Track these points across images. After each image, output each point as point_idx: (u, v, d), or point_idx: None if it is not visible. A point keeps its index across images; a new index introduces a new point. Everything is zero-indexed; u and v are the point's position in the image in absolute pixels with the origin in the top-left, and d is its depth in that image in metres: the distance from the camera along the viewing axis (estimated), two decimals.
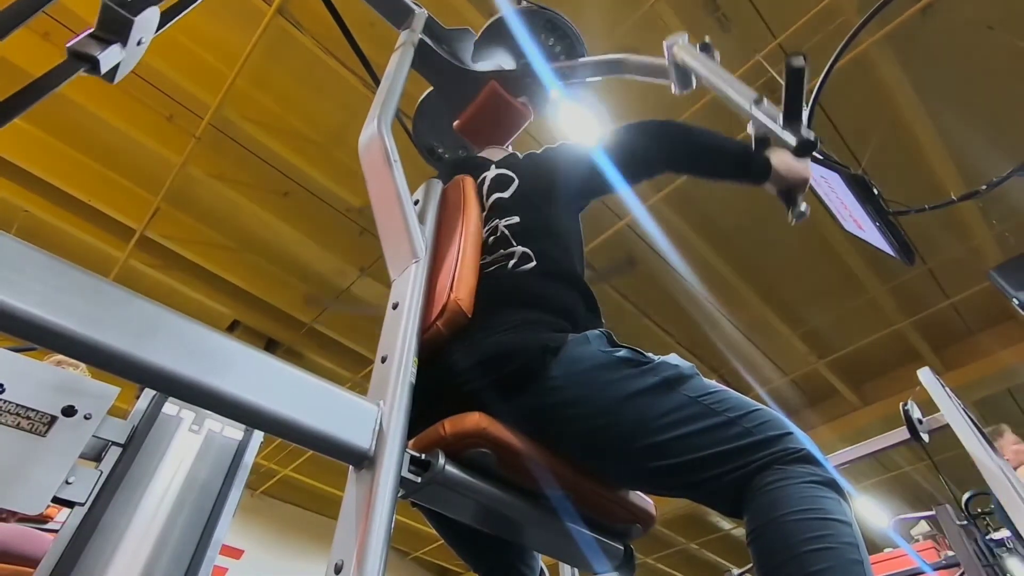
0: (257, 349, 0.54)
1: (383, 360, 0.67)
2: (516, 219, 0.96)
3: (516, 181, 1.03)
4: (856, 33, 1.49)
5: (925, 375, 2.27)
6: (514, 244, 0.92)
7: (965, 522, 2.45)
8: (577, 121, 3.50)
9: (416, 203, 0.98)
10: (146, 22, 0.77)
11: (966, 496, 2.65)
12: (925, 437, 2.33)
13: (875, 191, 1.22)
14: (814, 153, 1.25)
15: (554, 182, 1.02)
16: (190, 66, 3.75)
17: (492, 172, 1.07)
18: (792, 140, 0.99)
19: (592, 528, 0.83)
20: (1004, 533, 2.62)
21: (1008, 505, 1.82)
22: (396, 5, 1.33)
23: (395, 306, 0.74)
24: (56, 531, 1.25)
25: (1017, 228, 4.17)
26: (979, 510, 2.69)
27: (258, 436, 1.31)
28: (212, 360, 0.50)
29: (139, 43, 0.77)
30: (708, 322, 5.24)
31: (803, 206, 1.13)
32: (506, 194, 1.02)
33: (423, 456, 0.67)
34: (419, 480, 0.65)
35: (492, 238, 0.95)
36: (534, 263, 0.89)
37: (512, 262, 0.89)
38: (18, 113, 0.67)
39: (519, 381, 0.76)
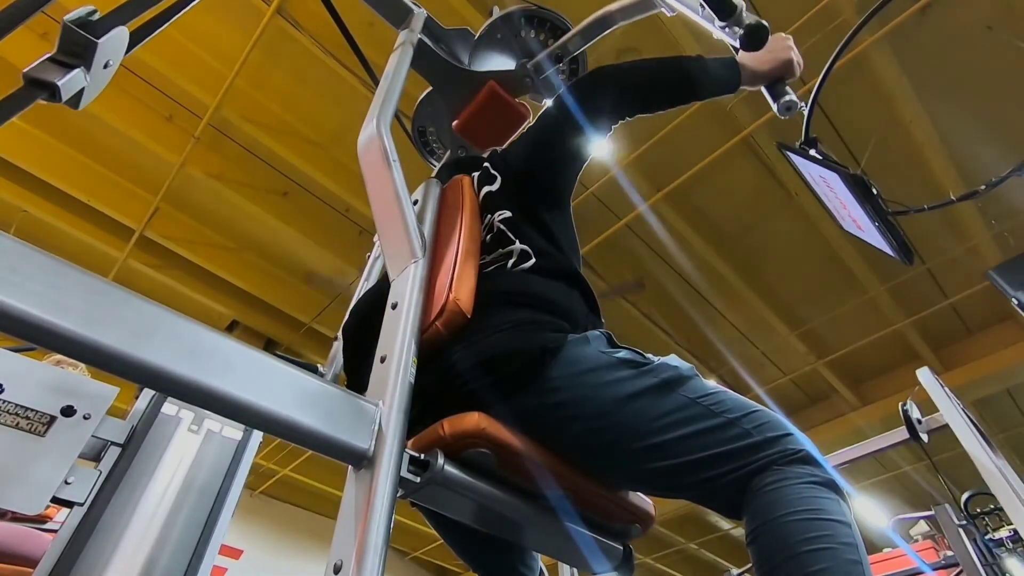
0: (256, 349, 0.54)
1: (382, 360, 0.67)
2: (508, 213, 0.96)
3: (500, 174, 1.04)
4: (855, 33, 1.49)
5: (924, 375, 2.27)
6: (513, 241, 0.91)
7: (964, 522, 2.45)
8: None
9: (415, 203, 0.98)
10: (113, 43, 0.71)
11: (965, 496, 2.65)
12: (924, 437, 2.33)
13: (874, 191, 1.21)
14: (812, 152, 1.24)
15: (526, 169, 1.02)
16: (189, 66, 3.74)
17: (481, 167, 1.08)
18: (737, 32, 0.85)
19: (591, 528, 0.83)
20: (1004, 533, 2.63)
21: (1007, 505, 1.82)
22: (395, 5, 1.33)
23: (394, 306, 0.73)
24: (55, 531, 1.25)
25: (1016, 228, 4.18)
26: (978, 510, 2.69)
27: (257, 436, 1.31)
28: (211, 360, 0.50)
29: (106, 66, 0.71)
30: (707, 322, 5.24)
31: (790, 96, 0.99)
32: (494, 187, 1.02)
33: (422, 456, 0.67)
34: (418, 480, 0.65)
35: (490, 236, 0.95)
36: (533, 261, 0.88)
37: (511, 261, 0.89)
38: None
39: (518, 381, 0.76)
